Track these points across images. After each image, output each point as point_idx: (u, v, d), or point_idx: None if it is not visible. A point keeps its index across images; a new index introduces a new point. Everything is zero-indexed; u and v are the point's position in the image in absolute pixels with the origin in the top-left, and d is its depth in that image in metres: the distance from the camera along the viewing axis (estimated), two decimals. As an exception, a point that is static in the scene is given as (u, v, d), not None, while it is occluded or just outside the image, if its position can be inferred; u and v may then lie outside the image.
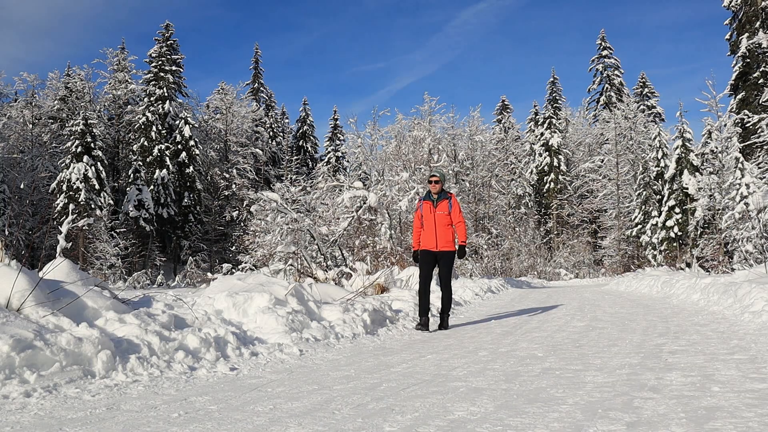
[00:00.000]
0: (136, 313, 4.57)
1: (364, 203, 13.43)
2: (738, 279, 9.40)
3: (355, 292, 8.30)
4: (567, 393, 3.13)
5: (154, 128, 38.99)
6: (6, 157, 35.24)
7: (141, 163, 37.50)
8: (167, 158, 38.44)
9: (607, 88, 49.58)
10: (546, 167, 45.94)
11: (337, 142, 55.67)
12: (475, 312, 9.29)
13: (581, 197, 43.96)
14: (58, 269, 4.84)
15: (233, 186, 42.10)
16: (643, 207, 30.71)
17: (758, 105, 22.60)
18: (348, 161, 45.65)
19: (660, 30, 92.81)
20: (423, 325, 6.59)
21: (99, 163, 33.14)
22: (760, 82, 22.76)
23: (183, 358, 4.12)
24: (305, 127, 56.90)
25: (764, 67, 22.63)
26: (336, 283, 10.38)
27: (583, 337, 5.57)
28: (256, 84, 53.29)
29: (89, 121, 33.23)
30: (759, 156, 21.74)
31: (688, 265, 23.79)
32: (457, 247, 6.83)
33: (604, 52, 49.83)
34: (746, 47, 23.15)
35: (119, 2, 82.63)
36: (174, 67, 41.33)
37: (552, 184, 45.49)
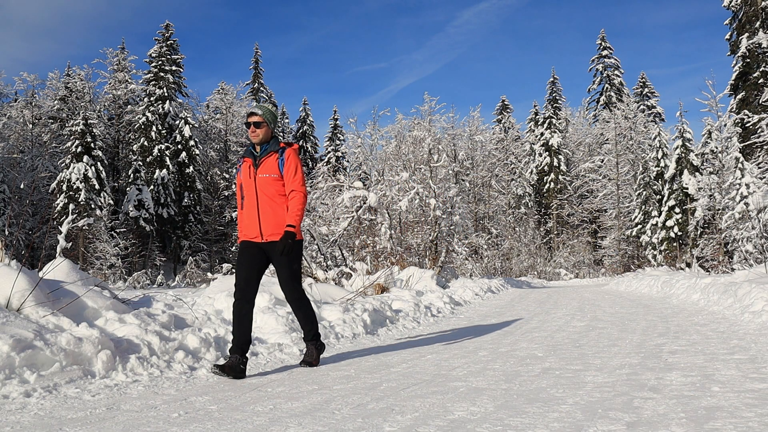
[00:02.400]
0: (136, 313, 4.57)
1: (364, 203, 13.44)
2: (738, 279, 9.40)
3: (355, 292, 8.30)
4: (567, 393, 3.13)
5: (154, 128, 39.00)
6: (6, 157, 35.25)
7: (141, 163, 37.51)
8: (167, 158, 38.45)
9: (607, 88, 49.60)
10: (546, 167, 45.96)
11: (337, 142, 55.70)
12: (475, 312, 9.29)
13: (581, 197, 43.98)
14: (58, 269, 4.84)
15: (233, 186, 42.09)
16: (643, 207, 30.73)
17: (758, 105, 22.60)
18: (348, 161, 45.64)
19: (660, 30, 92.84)
20: (225, 368, 3.80)
21: (99, 163, 33.15)
22: (760, 82, 22.76)
23: (183, 358, 4.12)
24: (305, 127, 56.91)
25: (764, 67, 22.63)
26: (336, 283, 10.38)
27: (583, 337, 5.57)
28: (256, 84, 53.31)
29: (89, 121, 33.24)
30: (759, 156, 21.74)
31: (688, 265, 23.79)
32: (285, 228, 4.07)
33: (604, 52, 49.85)
34: (746, 47, 23.15)
35: (119, 2, 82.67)
36: (174, 67, 41.34)
37: (552, 184, 45.51)
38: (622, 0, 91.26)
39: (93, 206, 31.43)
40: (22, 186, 32.90)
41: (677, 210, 26.19)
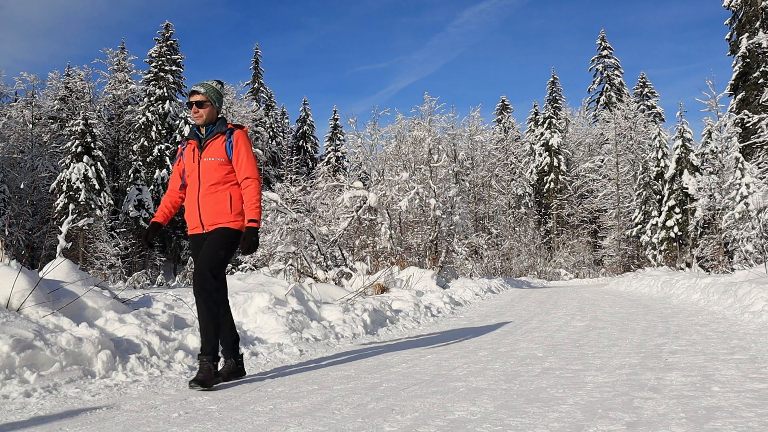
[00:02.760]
0: (136, 313, 4.57)
1: (364, 203, 13.44)
2: (738, 279, 9.40)
3: (355, 292, 8.30)
4: (567, 393, 3.13)
5: (154, 128, 39.01)
6: (6, 157, 35.24)
7: (141, 163, 37.51)
8: (167, 158, 38.44)
9: (607, 88, 49.60)
10: (546, 167, 45.96)
11: (337, 142, 55.70)
12: (475, 312, 9.28)
13: (581, 197, 43.99)
14: (58, 269, 4.84)
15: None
16: (643, 207, 30.72)
17: (758, 105, 22.60)
18: (348, 161, 45.64)
19: (660, 30, 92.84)
20: (199, 376, 3.49)
21: (99, 163, 33.15)
22: (760, 82, 22.76)
23: (183, 358, 4.12)
24: (305, 127, 56.92)
25: (764, 67, 22.64)
26: (336, 283, 10.39)
27: (583, 337, 5.57)
28: (256, 84, 53.31)
29: (89, 121, 33.24)
30: (759, 156, 21.74)
31: (688, 265, 23.79)
32: (246, 225, 3.66)
33: (604, 52, 49.85)
34: (746, 47, 23.15)
35: (120, 2, 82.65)
36: (174, 67, 41.34)
37: (552, 184, 45.51)
38: (622, 0, 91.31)
39: (93, 206, 31.44)
40: (22, 186, 32.91)
41: (677, 210, 26.19)
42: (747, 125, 22.83)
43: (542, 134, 46.45)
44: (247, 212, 3.66)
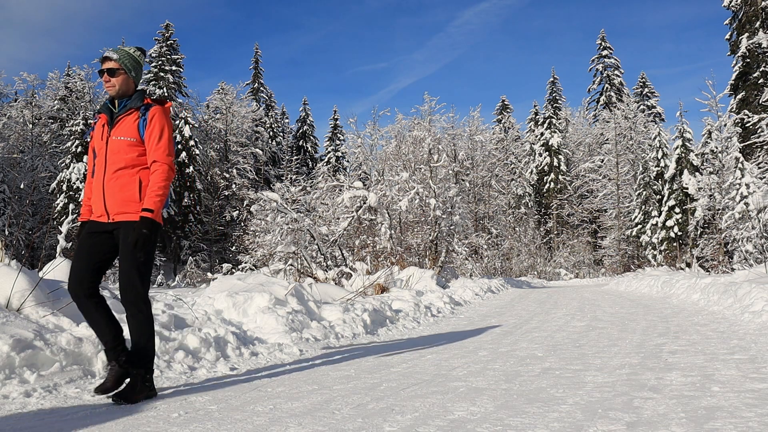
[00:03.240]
0: (136, 313, 4.56)
1: (364, 203, 13.44)
2: (738, 279, 9.41)
3: (355, 292, 8.30)
4: (567, 393, 3.13)
5: (154, 128, 39.00)
6: (6, 157, 35.24)
7: (141, 163, 37.47)
8: (167, 158, 38.44)
9: (607, 88, 49.62)
10: (546, 167, 45.97)
11: (337, 142, 55.69)
12: (475, 312, 9.28)
13: (581, 197, 44.00)
14: (58, 269, 4.84)
15: (233, 186, 42.12)
16: (643, 207, 30.72)
17: (758, 105, 22.60)
18: (348, 161, 45.69)
19: (660, 30, 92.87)
20: (102, 384, 3.15)
21: (99, 163, 33.15)
22: (760, 82, 22.76)
23: (183, 358, 4.12)
24: (305, 127, 56.91)
25: (764, 67, 22.63)
26: (336, 283, 10.39)
27: (583, 337, 5.57)
28: (256, 84, 53.31)
29: (89, 121, 33.25)
30: (759, 156, 21.75)
31: (688, 265, 23.80)
32: (140, 214, 3.14)
33: (604, 52, 49.86)
34: (746, 47, 23.15)
35: (119, 2, 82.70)
36: (174, 67, 41.35)
37: (552, 184, 45.51)
38: (622, 0, 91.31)
39: (93, 206, 31.42)
40: (22, 186, 32.91)
41: (677, 210, 26.19)
42: (747, 125, 22.83)
43: (542, 134, 46.46)
44: (146, 199, 3.12)
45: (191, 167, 39.43)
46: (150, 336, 3.24)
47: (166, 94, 40.02)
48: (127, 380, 3.20)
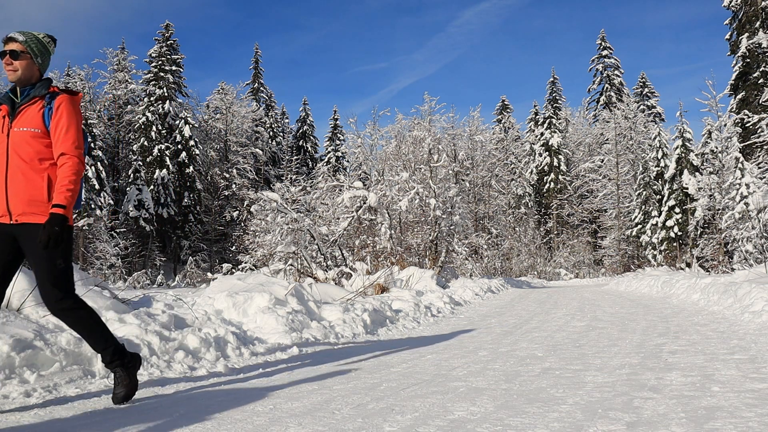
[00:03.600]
0: (136, 313, 4.57)
1: (364, 203, 13.44)
2: (738, 279, 9.41)
3: (355, 292, 8.30)
4: (567, 393, 3.13)
5: (154, 128, 39.02)
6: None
7: (141, 163, 37.52)
8: (167, 158, 38.46)
9: (607, 88, 49.62)
10: (546, 167, 45.97)
11: (337, 142, 55.69)
12: (475, 312, 9.28)
13: (581, 197, 44.00)
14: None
15: (233, 186, 42.12)
16: (643, 207, 30.72)
17: (758, 105, 22.60)
18: (348, 161, 45.68)
19: (660, 30, 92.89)
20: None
21: (99, 163, 33.17)
22: (760, 82, 22.76)
23: (183, 358, 4.12)
24: (305, 127, 56.91)
25: (764, 67, 22.63)
26: (336, 283, 10.39)
27: (583, 337, 5.57)
28: (256, 84, 53.32)
29: (89, 121, 33.25)
30: (759, 156, 21.74)
31: (688, 265, 23.80)
32: (50, 210, 2.86)
33: (604, 52, 49.86)
34: (746, 47, 23.15)
35: (119, 2, 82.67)
36: (174, 67, 41.35)
37: (552, 184, 45.52)
38: (622, 0, 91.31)
39: (93, 206, 31.44)
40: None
41: (677, 210, 26.19)
42: (747, 125, 22.83)
43: (542, 134, 46.47)
44: (56, 194, 2.85)
45: (191, 167, 39.45)
46: (97, 328, 3.07)
47: (166, 94, 40.02)
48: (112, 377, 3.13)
